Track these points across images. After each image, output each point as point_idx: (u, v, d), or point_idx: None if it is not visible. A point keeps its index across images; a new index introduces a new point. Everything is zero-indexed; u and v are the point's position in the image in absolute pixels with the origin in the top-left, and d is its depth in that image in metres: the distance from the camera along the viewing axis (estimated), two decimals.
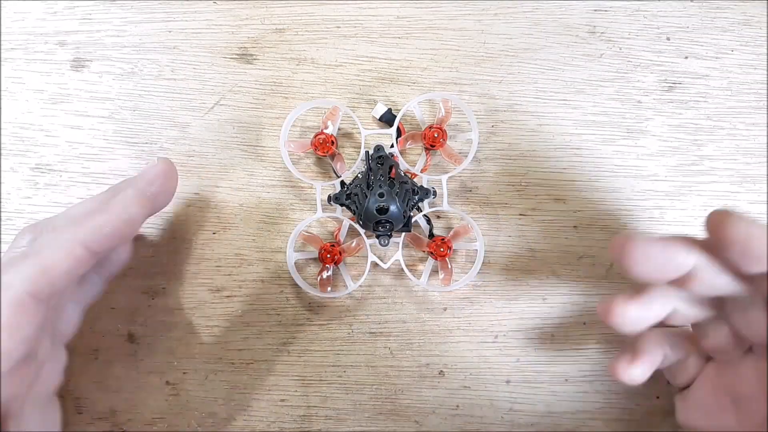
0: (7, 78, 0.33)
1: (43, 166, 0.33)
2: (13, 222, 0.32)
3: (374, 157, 0.30)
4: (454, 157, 0.31)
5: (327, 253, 0.31)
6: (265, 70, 0.33)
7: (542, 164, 0.32)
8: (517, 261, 0.32)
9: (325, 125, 0.31)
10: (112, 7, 0.33)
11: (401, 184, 0.29)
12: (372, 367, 0.32)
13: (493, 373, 0.32)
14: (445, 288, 0.31)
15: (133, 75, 0.33)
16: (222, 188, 0.32)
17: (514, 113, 0.33)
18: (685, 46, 0.33)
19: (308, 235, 0.31)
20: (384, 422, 0.32)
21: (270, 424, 0.32)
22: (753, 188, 0.32)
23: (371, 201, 0.29)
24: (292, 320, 0.32)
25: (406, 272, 0.30)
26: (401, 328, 0.32)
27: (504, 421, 0.31)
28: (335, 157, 0.32)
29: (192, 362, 0.32)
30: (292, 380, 0.32)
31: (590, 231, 0.32)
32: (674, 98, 0.33)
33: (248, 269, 0.32)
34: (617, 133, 0.33)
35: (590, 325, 0.32)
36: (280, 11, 0.33)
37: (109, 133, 0.33)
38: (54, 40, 0.33)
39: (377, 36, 0.33)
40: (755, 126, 0.33)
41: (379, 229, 0.30)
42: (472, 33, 0.33)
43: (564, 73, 0.33)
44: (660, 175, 0.32)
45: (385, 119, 0.32)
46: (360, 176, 0.30)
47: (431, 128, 0.31)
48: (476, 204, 0.32)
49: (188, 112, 0.33)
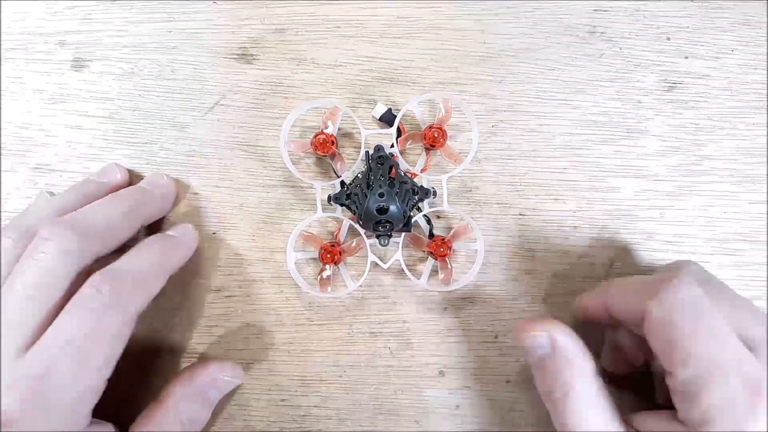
0: (7, 78, 0.33)
1: (43, 166, 0.33)
2: None
3: (374, 157, 0.30)
4: (454, 157, 0.31)
5: (327, 253, 0.31)
6: (265, 70, 0.33)
7: (542, 164, 0.32)
8: (517, 261, 0.32)
9: (325, 125, 0.31)
10: (112, 7, 0.33)
11: (401, 184, 0.29)
12: (372, 367, 0.32)
13: (493, 373, 0.32)
14: (445, 288, 0.31)
15: (133, 75, 0.33)
16: (222, 188, 0.32)
17: (514, 113, 0.33)
18: (685, 46, 0.33)
19: (308, 235, 0.31)
20: (384, 422, 0.32)
21: (270, 424, 0.32)
22: (753, 188, 0.32)
23: (371, 201, 0.29)
24: (292, 320, 0.32)
25: (406, 272, 0.30)
26: (401, 328, 0.32)
27: (504, 421, 0.31)
28: (335, 157, 0.32)
29: (192, 362, 0.32)
30: (292, 380, 0.32)
31: (590, 231, 0.32)
32: (674, 98, 0.33)
33: (248, 269, 0.32)
34: (617, 133, 0.33)
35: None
36: (280, 11, 0.33)
37: (109, 133, 0.33)
38: (54, 40, 0.33)
39: (377, 36, 0.33)
40: (755, 126, 0.33)
41: (379, 229, 0.30)
42: (472, 33, 0.33)
43: (564, 73, 0.33)
44: (660, 175, 0.32)
45: (385, 119, 0.32)
46: (360, 176, 0.30)
47: (431, 128, 0.31)
48: (476, 204, 0.32)
49: (188, 112, 0.33)
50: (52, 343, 0.24)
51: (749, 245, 0.32)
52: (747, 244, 0.32)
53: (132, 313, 0.27)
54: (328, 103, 0.31)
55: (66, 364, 0.24)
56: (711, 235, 0.32)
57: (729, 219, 0.32)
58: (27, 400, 0.24)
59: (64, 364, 0.24)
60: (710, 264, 0.32)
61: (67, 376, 0.24)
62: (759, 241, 0.32)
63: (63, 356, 0.24)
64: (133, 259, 0.28)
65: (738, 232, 0.32)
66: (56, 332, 0.25)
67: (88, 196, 0.30)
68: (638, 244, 0.32)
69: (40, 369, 0.24)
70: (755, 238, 0.32)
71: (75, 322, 0.25)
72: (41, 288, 0.25)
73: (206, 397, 0.29)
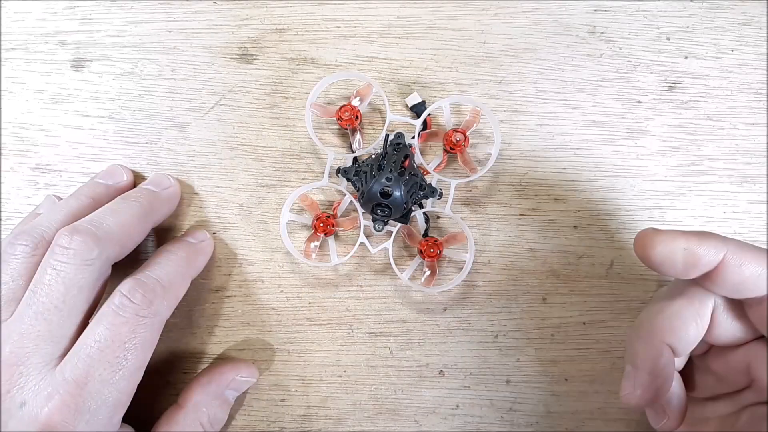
0: (7, 78, 0.33)
1: (43, 166, 0.33)
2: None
3: (393, 142, 0.30)
4: (469, 165, 0.31)
5: (320, 222, 0.31)
6: (265, 70, 0.33)
7: (542, 164, 0.32)
8: (517, 261, 0.32)
9: (354, 98, 0.31)
10: (112, 7, 0.33)
11: (411, 176, 0.29)
12: (372, 367, 0.32)
13: (493, 373, 0.32)
14: (424, 288, 0.31)
15: (133, 75, 0.33)
16: (222, 188, 0.32)
17: (514, 113, 0.33)
18: (685, 46, 0.33)
19: (307, 199, 0.31)
20: (384, 422, 0.32)
21: (270, 424, 0.32)
22: (753, 188, 0.32)
23: (377, 183, 0.29)
24: (292, 320, 0.32)
25: (392, 264, 0.30)
26: (401, 328, 0.32)
27: (504, 421, 0.31)
28: (356, 132, 0.32)
29: (192, 362, 0.32)
30: (292, 380, 0.32)
31: (590, 231, 0.32)
32: (674, 98, 0.33)
33: (248, 269, 0.32)
34: (617, 133, 0.33)
35: (590, 325, 0.32)
36: (280, 11, 0.33)
37: (109, 133, 0.33)
38: (54, 40, 0.33)
39: (377, 36, 0.33)
40: (755, 126, 0.33)
41: (378, 213, 0.30)
42: (472, 33, 0.33)
43: (564, 73, 0.33)
44: (660, 175, 0.32)
45: (415, 110, 0.32)
46: (374, 157, 0.30)
47: (456, 131, 0.31)
48: (475, 204, 0.32)
49: (188, 112, 0.33)
50: (86, 351, 0.25)
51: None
52: None
53: (161, 320, 0.27)
54: (363, 78, 0.31)
55: (101, 371, 0.25)
56: None
57: (729, 219, 0.32)
58: (67, 407, 0.24)
59: (100, 371, 0.25)
60: None
61: (102, 382, 0.25)
62: (759, 241, 0.32)
63: (98, 363, 0.25)
64: (161, 266, 0.28)
65: (738, 232, 0.32)
66: (90, 340, 0.25)
67: (98, 200, 0.30)
68: None
69: (77, 376, 0.25)
70: (755, 238, 0.32)
71: (108, 329, 0.25)
72: (67, 298, 0.26)
73: (224, 397, 0.30)
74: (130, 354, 0.26)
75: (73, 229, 0.26)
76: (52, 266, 0.26)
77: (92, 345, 0.25)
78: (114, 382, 0.25)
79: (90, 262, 0.26)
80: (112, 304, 0.26)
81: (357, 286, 0.32)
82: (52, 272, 0.26)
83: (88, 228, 0.27)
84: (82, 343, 0.25)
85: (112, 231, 0.27)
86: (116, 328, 0.25)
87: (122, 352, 0.25)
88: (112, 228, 0.27)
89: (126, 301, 0.26)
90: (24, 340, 0.25)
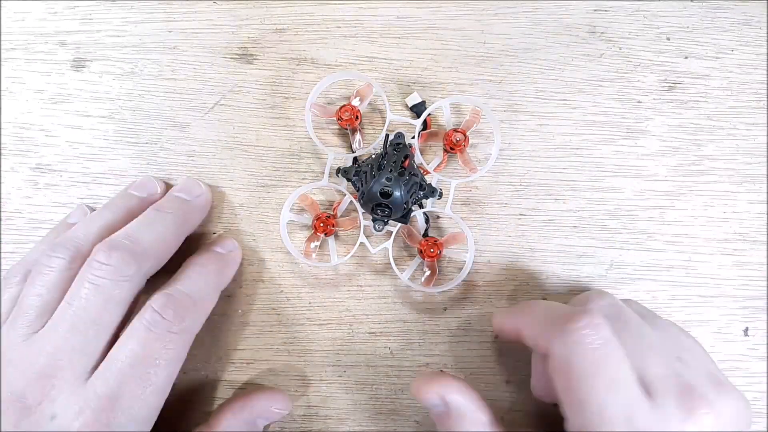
0: (8, 78, 0.33)
1: (43, 166, 0.33)
2: (13, 222, 0.33)
3: (393, 142, 0.30)
4: (469, 165, 0.31)
5: (320, 222, 0.31)
6: (265, 70, 0.33)
7: (542, 164, 0.32)
8: (517, 261, 0.32)
9: (354, 98, 0.31)
10: (112, 7, 0.33)
11: (411, 176, 0.29)
12: (372, 367, 0.32)
13: (493, 373, 0.32)
14: (424, 288, 0.31)
15: (133, 75, 0.33)
16: (222, 188, 0.32)
17: (514, 113, 0.33)
18: (685, 46, 0.33)
19: (307, 199, 0.31)
20: (384, 422, 0.32)
21: (270, 424, 0.32)
22: (753, 188, 0.32)
23: (377, 183, 0.29)
24: (292, 320, 0.32)
25: (392, 264, 0.30)
26: (401, 328, 0.32)
27: (504, 421, 0.31)
28: (356, 132, 0.32)
29: (192, 362, 0.32)
30: (292, 380, 0.32)
31: (590, 231, 0.32)
32: (674, 98, 0.33)
33: (248, 269, 0.32)
34: (617, 133, 0.33)
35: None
36: (280, 11, 0.33)
37: (109, 133, 0.33)
38: (54, 40, 0.33)
39: (377, 36, 0.33)
40: (755, 126, 0.33)
41: (378, 213, 0.30)
42: (472, 33, 0.33)
43: (564, 73, 0.33)
44: (660, 175, 0.32)
45: (416, 110, 0.32)
46: (374, 157, 0.30)
47: (456, 131, 0.31)
48: (475, 203, 0.32)
49: (188, 112, 0.33)
50: (118, 366, 0.25)
51: (749, 245, 0.32)
52: (747, 244, 0.32)
53: (191, 335, 0.27)
54: (364, 78, 0.31)
55: (132, 386, 0.25)
56: (711, 235, 0.32)
57: (729, 219, 0.32)
58: (98, 423, 0.24)
59: (131, 385, 0.25)
60: (710, 264, 0.32)
61: (133, 397, 0.25)
62: (759, 241, 0.32)
63: (129, 378, 0.25)
64: (192, 281, 0.28)
65: (738, 232, 0.32)
66: (121, 355, 0.25)
67: (132, 212, 0.30)
68: (638, 244, 0.32)
69: (108, 391, 0.25)
70: (755, 238, 0.32)
71: (139, 345, 0.25)
72: (104, 312, 0.26)
73: (255, 425, 0.30)
74: (160, 369, 0.26)
75: (111, 244, 0.26)
76: (89, 280, 0.26)
77: (123, 360, 0.25)
78: (144, 398, 0.25)
79: (128, 278, 0.26)
80: (143, 319, 0.26)
81: (357, 286, 0.32)
82: (90, 286, 0.26)
83: (126, 244, 0.27)
84: (113, 358, 0.25)
85: (148, 246, 0.27)
86: (148, 343, 0.25)
87: (153, 368, 0.25)
88: (149, 243, 0.27)
89: (158, 317, 0.26)
90: (58, 353, 0.25)
